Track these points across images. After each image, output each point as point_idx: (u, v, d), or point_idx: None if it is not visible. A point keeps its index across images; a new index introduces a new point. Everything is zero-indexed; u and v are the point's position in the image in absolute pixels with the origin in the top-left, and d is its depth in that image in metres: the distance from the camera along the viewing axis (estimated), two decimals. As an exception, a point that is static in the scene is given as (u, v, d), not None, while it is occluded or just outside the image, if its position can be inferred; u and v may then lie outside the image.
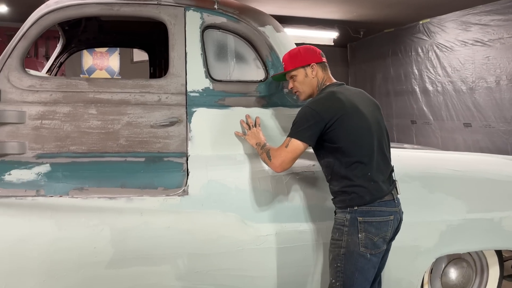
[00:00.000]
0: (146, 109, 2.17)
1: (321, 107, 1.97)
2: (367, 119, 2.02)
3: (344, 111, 1.96)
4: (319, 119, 1.94)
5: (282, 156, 1.98)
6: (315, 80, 2.12)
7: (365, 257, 1.92)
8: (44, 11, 2.12)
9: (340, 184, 1.98)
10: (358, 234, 1.92)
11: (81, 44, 3.29)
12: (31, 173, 2.02)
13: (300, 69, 2.12)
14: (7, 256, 1.88)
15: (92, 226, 1.97)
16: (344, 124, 1.95)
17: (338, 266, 1.95)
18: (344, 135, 1.95)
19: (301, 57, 2.12)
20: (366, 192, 1.94)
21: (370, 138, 2.00)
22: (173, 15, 2.22)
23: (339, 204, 2.00)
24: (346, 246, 1.93)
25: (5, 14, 6.88)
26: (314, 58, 2.12)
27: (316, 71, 2.12)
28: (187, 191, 2.10)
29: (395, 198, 2.02)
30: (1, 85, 2.05)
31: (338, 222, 1.99)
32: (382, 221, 1.94)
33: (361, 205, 1.94)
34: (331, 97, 2.01)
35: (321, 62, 2.14)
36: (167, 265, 2.03)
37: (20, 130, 2.06)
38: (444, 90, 6.13)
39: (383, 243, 1.96)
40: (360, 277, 1.92)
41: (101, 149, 2.12)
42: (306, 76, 2.12)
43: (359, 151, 1.96)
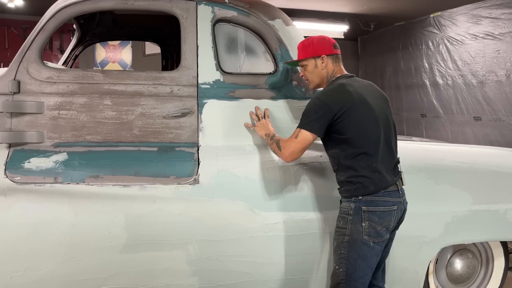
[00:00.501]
0: (158, 101, 2.23)
1: (330, 98, 2.01)
2: (375, 111, 2.05)
3: (352, 103, 1.99)
4: (328, 110, 1.98)
5: (292, 146, 2.03)
6: (325, 71, 2.16)
7: (368, 245, 1.97)
8: (62, 5, 2.19)
9: (346, 174, 2.03)
10: (362, 223, 1.97)
11: (95, 37, 3.36)
12: (49, 161, 2.11)
13: (311, 59, 2.16)
14: (27, 239, 1.97)
15: (107, 212, 2.05)
16: (351, 115, 1.98)
17: (342, 253, 2.01)
18: (351, 126, 1.99)
19: (313, 48, 2.16)
20: (370, 182, 1.99)
21: (377, 130, 2.03)
22: (185, 9, 2.27)
23: (345, 194, 2.06)
24: (350, 234, 1.99)
25: (20, 8, 6.99)
26: (325, 50, 2.15)
27: (326, 63, 2.15)
28: (198, 180, 2.17)
29: (399, 188, 2.06)
30: (21, 77, 2.13)
31: (343, 210, 2.04)
32: (386, 210, 1.99)
33: (365, 194, 1.99)
34: (340, 89, 2.05)
35: (333, 54, 2.16)
36: (179, 251, 2.11)
37: (38, 120, 2.14)
38: (454, 84, 6.11)
39: (386, 232, 2.00)
40: (362, 264, 1.98)
41: (116, 138, 2.20)
42: (316, 67, 2.16)
43: (366, 143, 2.00)
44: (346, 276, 1.99)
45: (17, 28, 7.80)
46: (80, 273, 2.02)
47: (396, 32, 7.46)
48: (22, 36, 7.71)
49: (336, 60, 2.18)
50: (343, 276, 2.00)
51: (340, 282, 2.01)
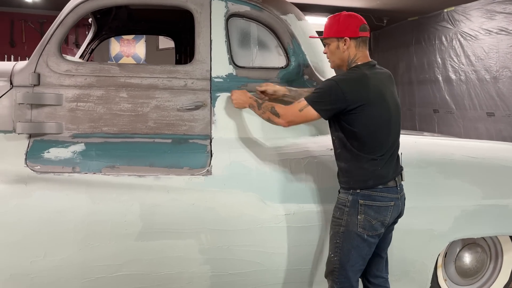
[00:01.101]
0: (173, 94, 2.29)
1: (348, 88, 1.94)
2: (390, 108, 2.02)
3: (369, 100, 1.95)
4: (342, 99, 1.93)
5: (293, 116, 2.02)
6: (346, 54, 2.05)
7: (362, 237, 2.00)
8: (80, 0, 2.25)
9: (348, 162, 2.03)
10: (358, 216, 1.99)
11: (111, 31, 3.43)
12: (68, 151, 2.18)
13: (334, 39, 2.06)
14: (47, 226, 2.05)
15: (123, 201, 2.12)
16: (365, 112, 1.96)
17: (337, 242, 2.05)
18: (363, 122, 1.97)
19: (337, 27, 2.05)
20: (371, 176, 2.00)
21: (387, 128, 2.02)
22: (199, 4, 2.32)
23: (344, 185, 2.07)
24: (346, 225, 2.02)
25: (38, 2, 7.11)
26: (348, 32, 2.03)
27: (348, 46, 2.04)
28: (210, 171, 2.23)
29: (398, 185, 2.05)
30: (41, 70, 2.20)
31: (340, 201, 2.07)
32: (382, 206, 2.00)
33: (363, 188, 2.00)
34: (361, 81, 1.97)
35: (357, 38, 2.04)
36: (191, 239, 2.17)
37: (57, 112, 2.22)
38: (467, 79, 6.07)
39: (381, 226, 2.02)
40: (355, 254, 2.02)
41: (131, 130, 2.26)
42: (337, 48, 2.06)
43: (374, 140, 2.00)
44: (339, 265, 2.04)
45: (34, 22, 7.93)
46: (97, 259, 2.10)
47: (409, 27, 7.43)
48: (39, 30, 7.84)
49: (361, 44, 2.05)
50: (337, 264, 2.04)
51: (334, 270, 2.06)
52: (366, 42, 2.10)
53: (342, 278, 2.04)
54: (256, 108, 2.18)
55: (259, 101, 2.20)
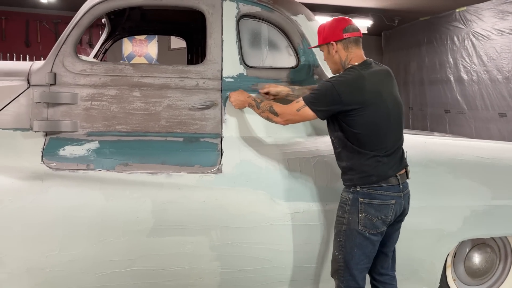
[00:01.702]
0: (185, 93, 2.33)
1: (344, 90, 1.96)
2: (388, 107, 2.03)
3: (365, 101, 1.97)
4: (338, 101, 1.96)
5: (290, 115, 2.08)
6: (337, 57, 2.10)
7: (364, 235, 2.02)
8: (96, 1, 2.30)
9: (350, 160, 2.05)
10: (358, 214, 2.02)
11: (124, 31, 3.49)
12: (82, 149, 2.24)
13: (324, 46, 2.15)
14: (62, 221, 2.10)
15: (135, 198, 2.17)
16: (362, 113, 1.97)
17: (340, 241, 2.07)
18: (361, 123, 1.99)
19: (323, 34, 2.13)
20: (373, 172, 2.01)
21: (386, 126, 2.03)
22: (211, 5, 2.36)
23: (347, 182, 2.09)
24: (347, 224, 2.05)
25: (52, 3, 7.23)
26: (333, 36, 2.08)
27: (337, 49, 2.09)
28: (221, 170, 2.27)
29: (400, 183, 2.05)
30: (57, 69, 2.26)
31: (342, 200, 2.10)
32: (383, 204, 2.02)
33: (365, 185, 2.02)
34: (357, 82, 1.99)
35: (342, 39, 2.07)
36: (202, 236, 2.21)
37: (73, 110, 2.27)
38: (479, 79, 6.03)
39: (382, 224, 2.03)
40: (358, 252, 2.04)
41: (144, 129, 2.31)
42: (328, 53, 2.14)
43: (374, 138, 2.01)
44: (344, 263, 2.06)
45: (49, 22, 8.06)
46: (110, 255, 2.15)
47: (421, 27, 7.39)
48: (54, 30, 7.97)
49: (349, 45, 2.08)
50: (341, 263, 2.07)
51: (339, 269, 2.09)
52: (356, 42, 2.10)
53: (347, 276, 2.06)
54: (255, 107, 2.22)
55: (258, 100, 2.23)
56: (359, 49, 2.11)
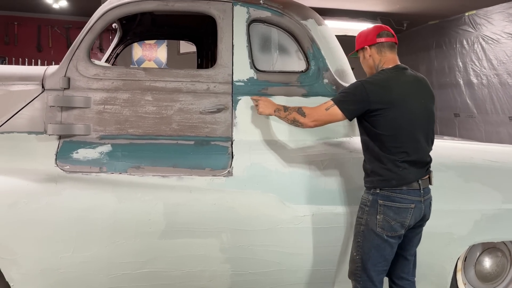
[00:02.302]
0: (196, 97, 2.36)
1: (372, 89, 2.02)
2: (414, 112, 2.05)
3: (390, 101, 2.00)
4: (366, 99, 2.00)
5: (319, 115, 2.09)
6: (371, 61, 2.18)
7: (382, 237, 2.04)
8: (108, 7, 2.35)
9: (372, 163, 2.08)
10: (377, 216, 2.03)
11: (135, 36, 3.53)
12: (95, 152, 2.27)
13: (360, 51, 2.23)
14: (75, 223, 2.13)
15: (147, 200, 2.19)
16: (387, 114, 2.00)
17: (359, 241, 2.09)
18: (384, 124, 2.02)
19: (358, 40, 2.23)
20: (393, 176, 2.03)
21: (409, 131, 2.04)
22: (222, 10, 2.39)
23: (367, 184, 2.11)
24: (366, 224, 2.07)
25: (64, 8, 7.32)
26: (367, 41, 2.17)
27: (370, 53, 2.17)
28: (231, 172, 2.29)
29: (421, 188, 2.07)
30: (71, 74, 2.30)
31: (362, 201, 2.12)
32: (402, 207, 2.03)
33: (385, 187, 2.04)
34: (385, 83, 2.04)
35: (375, 44, 2.15)
36: (213, 239, 2.23)
37: (86, 114, 2.31)
38: (489, 83, 6.01)
39: (400, 227, 2.04)
40: (376, 254, 2.05)
41: (156, 132, 2.34)
42: (364, 58, 2.22)
43: (396, 141, 2.03)
44: (361, 264, 2.08)
45: (60, 27, 8.17)
46: (122, 256, 2.17)
47: (430, 31, 7.38)
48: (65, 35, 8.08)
49: (383, 49, 2.15)
50: (359, 263, 2.09)
51: (357, 269, 2.10)
52: (390, 47, 2.17)
53: (364, 277, 2.07)
54: (282, 111, 2.22)
55: (284, 105, 2.25)
56: (392, 54, 2.17)
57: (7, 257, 2.10)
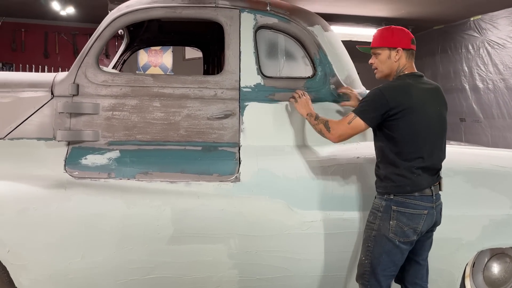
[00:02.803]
0: (203, 103, 2.37)
1: (390, 93, 2.02)
2: (430, 118, 2.07)
3: (410, 106, 2.01)
4: (384, 103, 2.01)
5: (342, 130, 2.10)
6: (396, 64, 2.13)
7: (394, 243, 2.04)
8: (117, 14, 2.37)
9: (386, 169, 2.08)
10: (390, 221, 2.04)
11: (142, 43, 3.56)
12: (104, 158, 2.28)
13: (386, 49, 2.13)
14: (84, 229, 2.14)
15: (155, 206, 2.20)
16: (406, 117, 2.01)
17: (369, 246, 2.09)
18: (402, 127, 2.03)
19: (391, 38, 2.14)
20: (408, 182, 2.04)
21: (427, 136, 2.06)
22: (229, 16, 2.41)
23: (380, 190, 2.12)
24: (378, 230, 2.07)
25: (71, 15, 7.38)
26: (402, 43, 2.12)
27: (400, 56, 2.12)
28: (239, 178, 2.29)
29: (433, 194, 2.08)
30: (80, 80, 2.32)
31: (375, 206, 2.12)
32: (415, 213, 2.04)
33: (399, 193, 2.04)
34: (404, 88, 2.05)
35: (409, 49, 2.13)
36: (220, 244, 2.23)
37: (94, 120, 2.33)
38: (495, 88, 5.99)
39: (413, 233, 2.05)
40: (386, 259, 2.05)
41: (164, 138, 2.35)
42: (389, 57, 2.13)
43: (412, 146, 2.04)
44: (370, 268, 2.08)
45: (67, 34, 8.24)
46: (131, 262, 2.18)
47: (435, 36, 7.38)
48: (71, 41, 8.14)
49: (410, 56, 2.15)
50: (368, 268, 2.09)
51: (365, 273, 2.10)
52: (413, 55, 2.19)
53: (373, 281, 2.08)
54: (313, 118, 2.24)
55: (317, 114, 2.26)
56: (413, 61, 2.19)
57: (17, 262, 2.11)
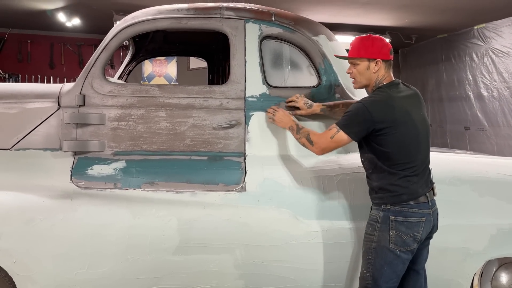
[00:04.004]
0: (209, 113, 2.38)
1: (375, 109, 2.00)
2: (417, 126, 2.07)
3: (395, 120, 2.01)
4: (370, 119, 1.99)
5: (325, 143, 2.08)
6: (375, 75, 2.11)
7: (395, 253, 2.02)
8: (123, 25, 2.39)
9: (380, 180, 2.07)
10: (389, 232, 2.02)
11: (147, 53, 3.58)
12: (110, 168, 2.29)
13: (365, 60, 2.11)
14: (90, 239, 2.14)
15: (161, 216, 2.20)
16: (394, 132, 2.01)
17: (369, 258, 2.07)
18: (392, 141, 2.02)
19: (371, 48, 2.10)
20: (404, 191, 2.03)
21: (416, 145, 2.06)
22: (234, 27, 2.42)
23: (376, 201, 2.10)
24: (377, 241, 2.04)
25: (77, 26, 7.46)
26: (382, 54, 2.10)
27: (379, 67, 2.10)
28: (244, 188, 2.29)
29: (429, 200, 2.07)
30: (86, 91, 2.34)
31: (372, 218, 2.10)
32: (414, 221, 2.02)
33: (395, 203, 2.03)
34: (387, 102, 2.04)
35: (387, 60, 2.12)
36: (226, 254, 2.22)
37: (100, 131, 2.34)
38: (500, 96, 5.98)
39: (413, 242, 2.03)
40: (388, 270, 2.03)
41: (169, 148, 2.36)
42: (368, 68, 2.11)
43: (404, 157, 2.04)
44: (372, 281, 2.05)
45: (72, 45, 8.31)
46: (137, 272, 2.17)
47: (439, 44, 7.39)
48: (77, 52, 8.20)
49: (389, 66, 2.14)
50: (370, 280, 2.06)
51: (367, 286, 2.08)
52: (391, 65, 2.19)
53: None
54: (295, 131, 2.23)
55: (300, 125, 2.24)
56: (391, 71, 2.18)
57: (23, 273, 2.11)
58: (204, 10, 2.43)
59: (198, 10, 2.43)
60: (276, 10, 2.55)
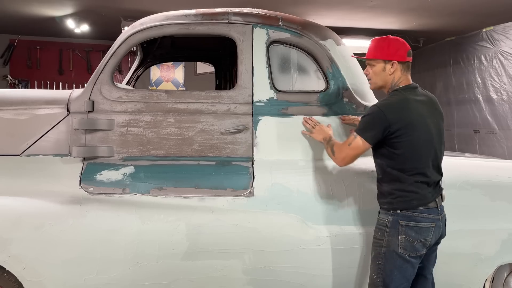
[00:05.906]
0: (217, 118, 2.38)
1: (390, 111, 2.00)
2: (431, 131, 2.06)
3: (410, 123, 2.00)
4: (384, 122, 1.98)
5: (344, 152, 2.08)
6: (391, 77, 2.09)
7: (404, 258, 2.00)
8: (131, 31, 2.41)
9: (390, 186, 2.06)
10: (399, 236, 2.00)
11: (155, 59, 3.60)
12: (118, 173, 2.30)
13: (381, 61, 2.09)
14: (100, 244, 2.15)
15: (170, 221, 2.20)
16: (407, 135, 2.00)
17: (379, 263, 2.05)
18: (405, 145, 2.01)
19: (386, 50, 2.09)
20: (414, 197, 2.01)
21: (429, 149, 2.05)
22: (242, 32, 2.43)
23: (385, 206, 2.08)
24: (387, 246, 2.03)
25: (85, 32, 7.53)
26: (398, 56, 2.07)
27: (395, 69, 2.08)
28: (253, 193, 2.29)
29: (438, 206, 2.07)
30: (95, 97, 2.35)
31: (381, 222, 2.08)
32: (423, 227, 2.01)
33: (405, 209, 2.01)
34: (402, 105, 2.03)
35: (404, 62, 2.09)
36: (235, 260, 2.22)
37: (109, 136, 2.35)
38: (510, 99, 5.92)
39: (422, 247, 2.02)
40: (398, 275, 2.01)
41: (178, 153, 2.36)
42: (383, 70, 2.09)
43: (416, 162, 2.02)
44: (383, 286, 2.03)
45: (81, 51, 8.38)
46: (145, 278, 2.17)
47: (447, 47, 7.34)
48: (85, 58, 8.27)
49: (406, 68, 2.11)
50: (380, 286, 2.04)
51: None
52: (410, 67, 2.15)
53: None
54: (326, 142, 2.23)
55: (332, 137, 2.24)
56: (409, 74, 2.15)
57: (33, 279, 2.12)
58: (212, 16, 2.44)
59: (205, 16, 2.44)
60: (284, 14, 2.55)
